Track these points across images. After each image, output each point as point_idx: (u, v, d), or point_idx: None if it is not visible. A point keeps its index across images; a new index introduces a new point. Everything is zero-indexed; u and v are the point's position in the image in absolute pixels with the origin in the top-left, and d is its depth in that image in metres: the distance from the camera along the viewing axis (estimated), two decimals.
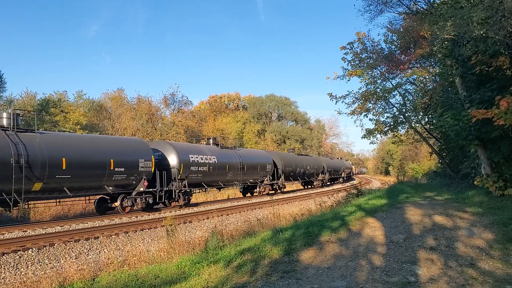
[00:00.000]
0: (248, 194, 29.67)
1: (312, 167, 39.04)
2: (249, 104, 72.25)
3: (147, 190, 18.00)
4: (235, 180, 25.65)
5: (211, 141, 25.74)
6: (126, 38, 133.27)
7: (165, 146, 20.75)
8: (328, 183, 45.88)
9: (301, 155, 40.82)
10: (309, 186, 41.32)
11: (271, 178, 29.94)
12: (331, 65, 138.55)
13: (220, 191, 27.82)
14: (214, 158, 23.18)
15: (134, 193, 17.70)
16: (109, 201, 18.07)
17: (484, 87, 13.25)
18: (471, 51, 12.72)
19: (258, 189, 28.87)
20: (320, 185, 42.58)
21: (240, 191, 29.69)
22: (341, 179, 52.70)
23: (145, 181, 17.87)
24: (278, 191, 31.49)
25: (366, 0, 18.59)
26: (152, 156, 18.54)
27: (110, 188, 16.56)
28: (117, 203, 17.22)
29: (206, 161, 22.33)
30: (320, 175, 41.86)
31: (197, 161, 21.56)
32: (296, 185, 40.00)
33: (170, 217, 13.38)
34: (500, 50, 11.75)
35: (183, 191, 20.30)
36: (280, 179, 31.50)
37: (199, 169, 21.63)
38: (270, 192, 30.18)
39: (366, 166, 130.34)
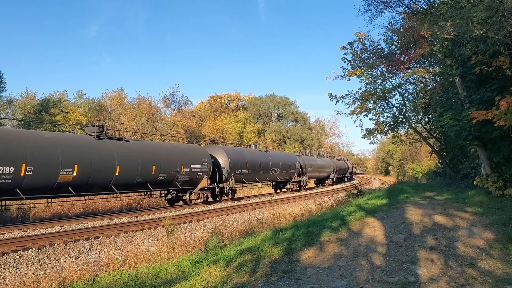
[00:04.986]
0: (279, 190, 34.34)
1: (326, 167, 43.75)
2: (249, 104, 72.09)
3: (208, 186, 22.25)
4: (271, 177, 30.32)
5: (253, 146, 31.47)
6: (126, 38, 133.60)
7: (216, 150, 24.70)
8: (335, 181, 48.97)
9: (317, 156, 44.74)
10: (320, 184, 45.85)
11: (297, 176, 34.35)
12: (331, 65, 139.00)
13: (256, 186, 32.39)
14: (255, 159, 27.59)
15: (197, 188, 21.93)
16: (180, 194, 21.99)
17: (484, 87, 13.21)
18: (471, 51, 12.69)
19: (288, 186, 33.72)
20: (331, 183, 46.74)
21: (272, 188, 35.08)
22: (345, 178, 55.47)
23: (208, 179, 21.92)
24: (302, 187, 35.69)
25: (366, 0, 18.60)
26: (210, 159, 22.62)
27: (179, 183, 20.86)
28: (186, 196, 21.65)
29: (249, 162, 26.64)
30: (331, 174, 46.00)
31: (242, 162, 25.68)
32: (310, 183, 43.85)
33: (169, 217, 13.37)
34: (500, 50, 11.72)
35: (230, 187, 24.23)
36: (304, 177, 35.75)
37: (243, 169, 25.76)
38: (296, 188, 34.47)
39: (366, 166, 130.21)
